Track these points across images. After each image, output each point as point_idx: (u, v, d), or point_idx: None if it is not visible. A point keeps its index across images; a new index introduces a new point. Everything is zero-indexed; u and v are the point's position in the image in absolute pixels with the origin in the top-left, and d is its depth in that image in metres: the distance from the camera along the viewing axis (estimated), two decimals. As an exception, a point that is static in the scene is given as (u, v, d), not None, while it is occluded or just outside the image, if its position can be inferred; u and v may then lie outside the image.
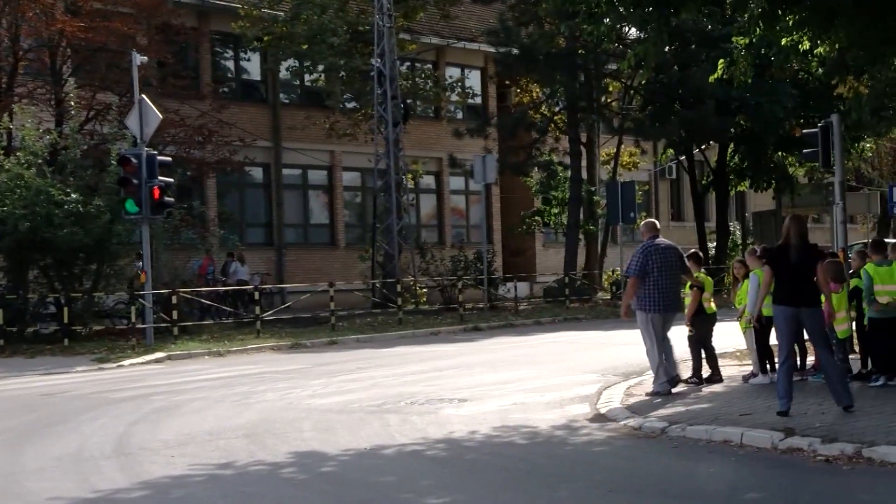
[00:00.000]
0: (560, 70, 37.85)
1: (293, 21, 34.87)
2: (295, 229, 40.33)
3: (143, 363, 22.93)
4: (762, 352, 15.66)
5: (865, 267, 15.17)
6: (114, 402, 16.38)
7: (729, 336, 19.32)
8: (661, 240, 15.15)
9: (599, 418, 13.76)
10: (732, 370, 17.19)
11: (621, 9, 15.83)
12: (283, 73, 38.87)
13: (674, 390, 15.09)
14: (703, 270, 16.14)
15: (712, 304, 15.98)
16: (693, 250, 16.48)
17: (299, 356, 23.93)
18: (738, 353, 19.07)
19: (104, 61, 30.95)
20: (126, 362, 22.81)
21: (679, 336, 15.75)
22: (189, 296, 28.89)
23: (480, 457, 11.55)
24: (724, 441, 11.68)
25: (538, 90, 42.84)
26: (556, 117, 41.32)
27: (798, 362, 15.21)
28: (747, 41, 18.02)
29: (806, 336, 13.87)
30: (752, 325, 15.32)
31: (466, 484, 10.37)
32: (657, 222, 15.74)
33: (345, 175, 41.29)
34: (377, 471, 10.89)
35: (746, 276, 15.67)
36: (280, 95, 39.82)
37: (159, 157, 25.72)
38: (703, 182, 45.91)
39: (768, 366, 15.58)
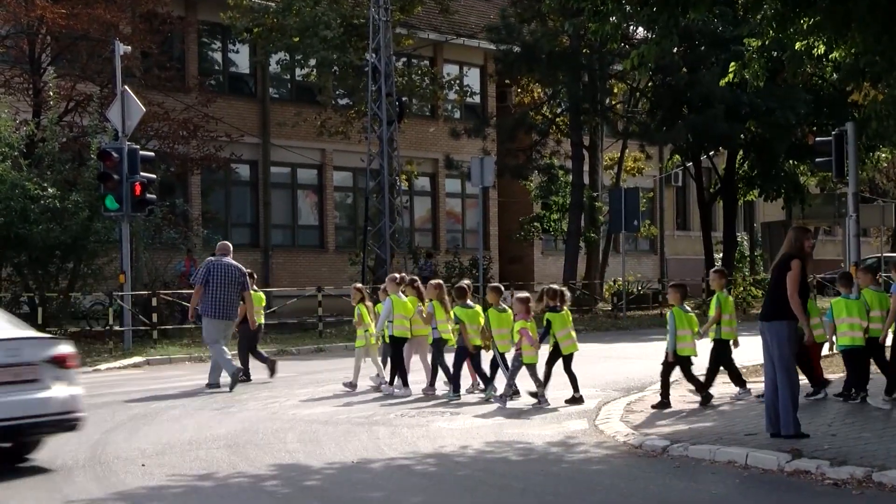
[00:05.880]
0: (563, 70, 37.69)
1: (284, 12, 34.43)
2: (282, 230, 40.05)
3: (120, 368, 22.73)
4: (401, 366, 17.61)
5: None
6: (89, 408, 15.97)
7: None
8: (227, 259, 18.81)
9: (598, 435, 13.63)
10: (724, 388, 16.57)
11: (628, 7, 15.80)
12: (273, 67, 38.65)
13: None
14: (256, 288, 19.93)
15: (260, 318, 20.11)
16: (249, 270, 19.78)
17: (284, 364, 23.77)
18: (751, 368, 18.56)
19: (85, 50, 30.50)
20: (102, 366, 22.58)
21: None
22: (170, 298, 28.79)
23: (472, 473, 11.45)
24: (729, 462, 11.56)
25: (540, 90, 42.84)
26: (557, 119, 41.27)
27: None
28: (759, 43, 17.62)
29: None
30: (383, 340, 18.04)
31: (457, 502, 10.39)
32: (230, 245, 19.36)
33: (336, 175, 40.97)
34: (364, 486, 10.79)
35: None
36: (269, 90, 39.50)
37: (141, 152, 25.72)
38: (711, 190, 45.96)
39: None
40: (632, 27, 35.80)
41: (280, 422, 14.64)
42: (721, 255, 44.47)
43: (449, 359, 17.22)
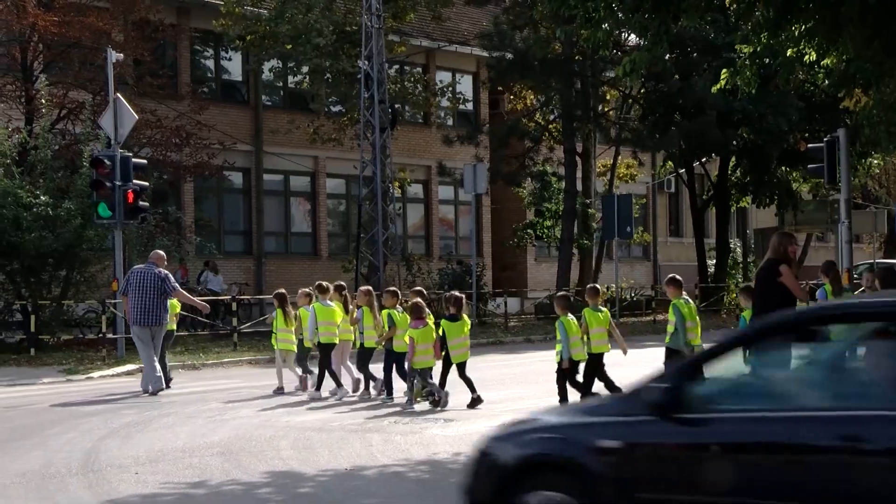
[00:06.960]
0: (556, 77, 37.59)
1: (277, 20, 34.23)
2: (275, 238, 39.90)
3: (113, 375, 22.67)
4: (327, 370, 18.22)
5: None
6: (82, 415, 16.28)
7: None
8: (154, 267, 19.01)
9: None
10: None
11: (620, 14, 15.73)
12: (266, 74, 38.72)
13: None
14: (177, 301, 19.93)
15: (173, 325, 20.15)
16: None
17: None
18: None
19: (78, 58, 30.54)
20: (95, 374, 22.55)
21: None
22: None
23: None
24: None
25: (532, 97, 42.62)
26: (550, 126, 41.23)
27: None
28: (751, 50, 17.48)
29: None
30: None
31: (449, 508, 10.34)
32: (161, 253, 19.73)
33: (329, 182, 40.88)
34: (358, 492, 10.81)
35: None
36: (262, 97, 39.43)
37: (134, 160, 25.41)
38: (703, 197, 46.00)
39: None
40: (624, 34, 35.83)
41: (273, 429, 14.64)
42: (714, 261, 44.51)
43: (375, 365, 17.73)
